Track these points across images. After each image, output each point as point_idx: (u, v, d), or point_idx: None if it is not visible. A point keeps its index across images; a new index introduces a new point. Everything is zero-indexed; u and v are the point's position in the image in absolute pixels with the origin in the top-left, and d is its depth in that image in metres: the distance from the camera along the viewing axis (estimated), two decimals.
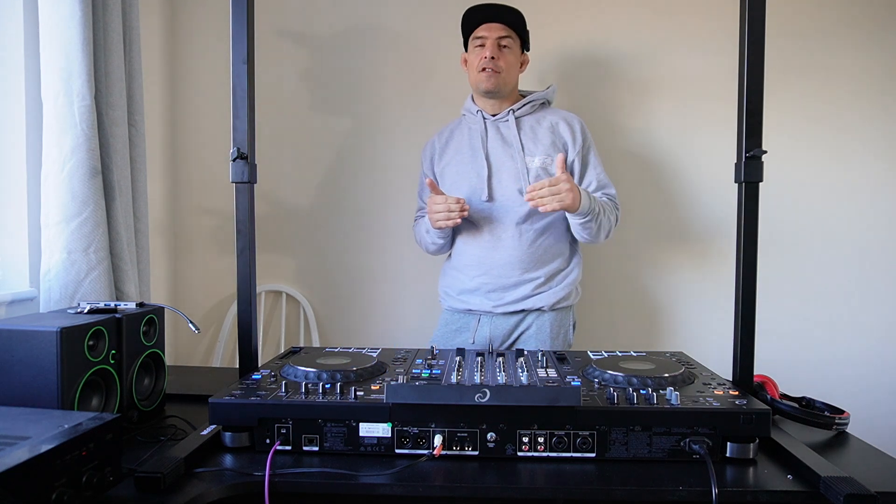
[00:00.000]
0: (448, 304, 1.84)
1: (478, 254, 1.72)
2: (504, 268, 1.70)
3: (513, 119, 1.74)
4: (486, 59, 1.69)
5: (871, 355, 2.17)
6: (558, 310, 1.75)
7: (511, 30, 1.73)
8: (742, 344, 1.13)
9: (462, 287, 1.77)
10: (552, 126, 1.74)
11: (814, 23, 2.14)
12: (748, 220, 1.12)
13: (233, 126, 1.21)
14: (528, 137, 1.73)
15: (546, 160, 1.70)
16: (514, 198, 1.69)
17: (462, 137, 1.80)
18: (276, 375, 1.13)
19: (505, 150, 1.73)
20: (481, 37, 1.72)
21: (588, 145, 1.76)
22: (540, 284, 1.71)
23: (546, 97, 1.80)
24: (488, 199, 1.70)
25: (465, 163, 1.75)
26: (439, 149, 1.83)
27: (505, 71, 1.71)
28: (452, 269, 1.81)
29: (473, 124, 1.79)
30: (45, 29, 1.45)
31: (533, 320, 1.73)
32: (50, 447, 0.73)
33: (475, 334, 1.76)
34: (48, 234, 1.46)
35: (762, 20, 1.10)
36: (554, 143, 1.72)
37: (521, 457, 0.97)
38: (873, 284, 2.17)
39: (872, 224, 2.16)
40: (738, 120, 1.13)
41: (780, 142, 2.13)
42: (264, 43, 2.20)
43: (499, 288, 1.71)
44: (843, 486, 0.82)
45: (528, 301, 1.71)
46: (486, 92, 1.72)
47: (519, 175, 1.69)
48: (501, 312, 1.73)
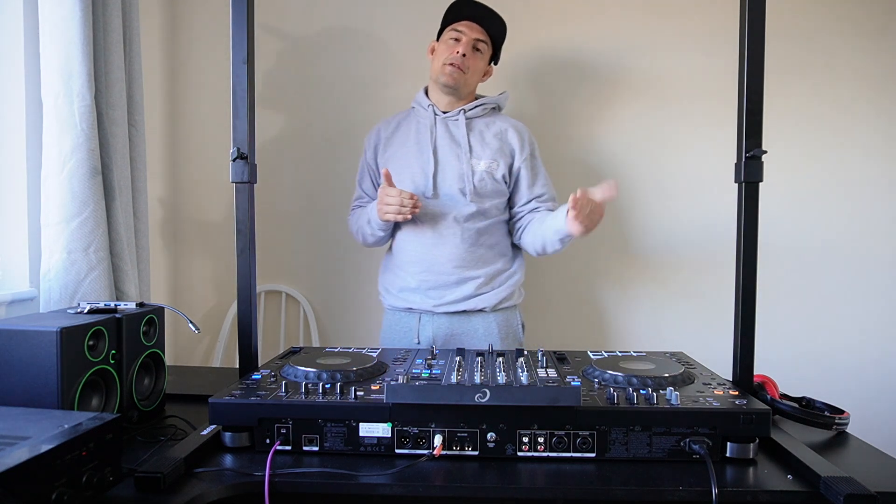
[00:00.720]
0: (388, 302, 1.81)
1: (419, 250, 1.69)
2: (445, 265, 1.68)
3: (463, 119, 1.73)
4: (458, 54, 1.68)
5: (871, 355, 2.17)
6: (501, 310, 1.74)
7: (489, 36, 1.73)
8: (742, 344, 1.13)
9: (403, 284, 1.74)
10: (501, 132, 1.75)
11: (813, 23, 2.14)
12: (748, 220, 1.12)
13: (233, 126, 1.21)
14: (476, 140, 1.73)
15: (492, 164, 1.70)
16: (456, 197, 1.68)
17: (409, 130, 1.77)
18: (276, 375, 1.13)
19: (452, 148, 1.71)
20: (460, 31, 1.70)
21: (535, 154, 1.79)
22: (481, 285, 1.70)
23: (498, 102, 1.80)
24: (433, 196, 1.68)
25: (411, 156, 1.72)
26: (385, 138, 1.79)
27: (470, 73, 1.71)
28: (393, 266, 1.78)
29: (423, 118, 1.77)
30: (45, 29, 1.45)
31: (479, 322, 1.72)
32: (50, 447, 0.73)
33: (419, 335, 1.74)
34: (48, 234, 1.46)
35: (762, 20, 1.10)
36: (501, 148, 1.73)
37: (521, 457, 0.97)
38: (873, 284, 2.17)
39: (872, 224, 2.16)
40: (738, 120, 1.13)
41: (780, 142, 2.13)
42: (265, 43, 2.20)
43: (439, 286, 1.69)
44: (843, 486, 0.82)
45: (469, 302, 1.70)
46: (445, 86, 1.71)
47: (464, 176, 1.69)
48: (443, 312, 1.71)
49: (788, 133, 2.15)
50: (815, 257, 2.18)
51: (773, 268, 2.15)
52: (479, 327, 1.72)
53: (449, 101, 1.75)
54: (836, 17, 2.13)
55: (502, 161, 1.72)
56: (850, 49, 2.13)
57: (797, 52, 2.14)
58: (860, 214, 2.16)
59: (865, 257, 2.16)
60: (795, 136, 2.16)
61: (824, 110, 2.15)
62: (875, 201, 2.15)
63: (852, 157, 2.15)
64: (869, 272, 2.17)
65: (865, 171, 2.15)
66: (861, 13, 2.12)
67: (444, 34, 1.76)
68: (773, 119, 2.06)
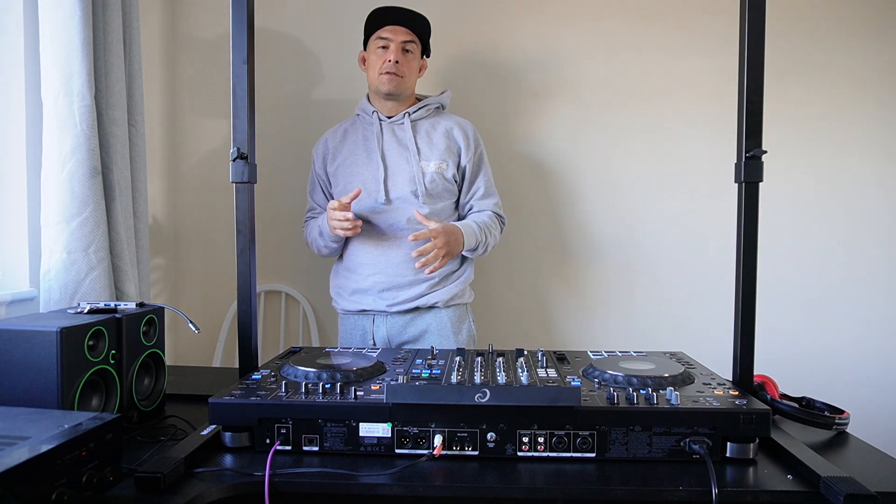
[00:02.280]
0: (341, 305, 1.83)
1: (373, 252, 1.72)
2: (399, 266, 1.70)
3: (408, 122, 1.76)
4: (390, 62, 1.70)
5: (871, 355, 2.17)
6: (453, 307, 1.78)
7: (414, 35, 1.75)
8: (742, 344, 1.13)
9: (355, 287, 1.76)
10: (447, 131, 1.77)
11: (813, 23, 2.14)
12: (748, 220, 1.12)
13: (233, 126, 1.21)
14: (423, 141, 1.75)
15: (441, 165, 1.73)
16: (409, 199, 1.71)
17: (356, 138, 1.79)
18: (276, 375, 1.13)
19: (400, 152, 1.74)
20: (385, 38, 1.72)
21: (480, 151, 1.82)
22: (433, 284, 1.73)
23: (441, 102, 1.83)
24: (385, 202, 1.70)
25: (360, 164, 1.75)
26: (332, 148, 1.81)
27: (406, 76, 1.73)
28: (344, 270, 1.80)
29: (368, 125, 1.79)
30: (45, 29, 1.45)
31: (431, 319, 1.75)
32: (50, 447, 0.73)
33: (373, 336, 1.76)
34: (48, 234, 1.46)
35: (762, 20, 1.10)
36: (449, 147, 1.75)
37: (521, 457, 0.97)
38: (873, 284, 2.17)
39: (872, 224, 2.16)
40: (738, 120, 1.12)
41: (780, 142, 2.13)
42: (265, 42, 2.20)
43: (393, 287, 1.72)
44: (843, 486, 0.82)
45: (422, 299, 1.72)
46: (387, 94, 1.73)
47: (414, 178, 1.70)
48: (396, 311, 1.73)
49: (788, 133, 2.15)
50: (815, 257, 2.18)
51: (773, 268, 2.15)
52: (432, 323, 1.75)
53: (392, 106, 1.78)
54: (835, 17, 2.13)
55: (450, 160, 1.75)
56: (849, 49, 2.13)
57: (797, 52, 2.14)
58: (860, 214, 2.16)
59: (865, 257, 2.16)
60: (795, 136, 2.15)
61: (824, 110, 2.15)
62: (875, 201, 2.15)
63: (852, 156, 2.15)
64: (869, 272, 2.17)
65: (865, 170, 2.15)
66: (861, 14, 2.12)
67: (370, 43, 1.77)
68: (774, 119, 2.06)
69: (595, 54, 2.19)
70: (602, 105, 2.20)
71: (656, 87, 2.18)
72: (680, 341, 2.20)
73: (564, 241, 2.24)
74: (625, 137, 2.20)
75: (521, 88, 2.22)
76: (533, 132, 2.22)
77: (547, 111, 2.22)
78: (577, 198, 2.23)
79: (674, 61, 2.17)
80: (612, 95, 2.20)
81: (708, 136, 2.17)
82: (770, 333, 2.14)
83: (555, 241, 2.24)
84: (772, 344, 2.15)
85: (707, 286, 2.20)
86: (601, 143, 2.21)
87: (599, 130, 2.21)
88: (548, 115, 2.22)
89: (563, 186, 2.22)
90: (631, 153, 2.20)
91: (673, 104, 2.18)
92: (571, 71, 2.20)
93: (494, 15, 2.20)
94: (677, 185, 2.20)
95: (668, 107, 2.18)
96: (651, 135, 2.19)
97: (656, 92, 2.18)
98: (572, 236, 2.24)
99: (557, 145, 2.22)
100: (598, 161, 2.22)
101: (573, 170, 2.22)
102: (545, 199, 2.23)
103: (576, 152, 2.22)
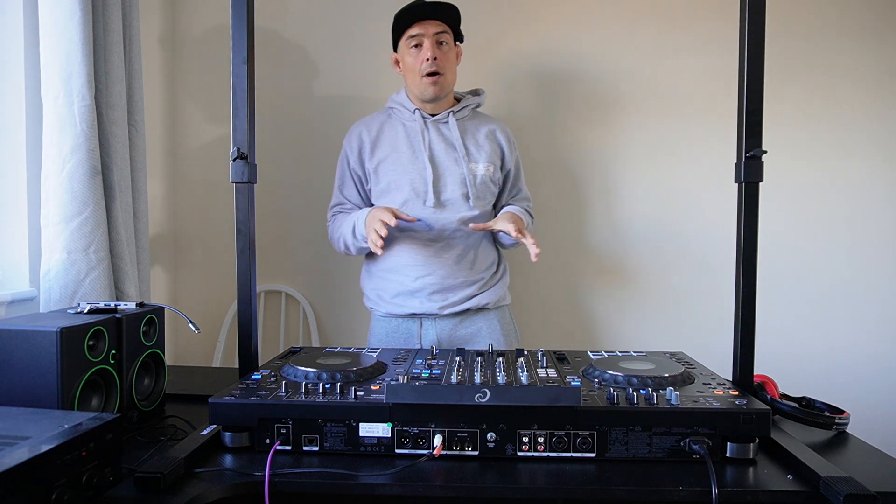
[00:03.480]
0: (383, 309, 1.74)
1: (423, 254, 1.66)
2: (451, 268, 1.66)
3: (454, 121, 1.71)
4: (429, 61, 1.63)
5: (871, 355, 2.17)
6: (500, 308, 1.76)
7: (445, 24, 1.67)
8: (742, 344, 1.13)
9: (400, 289, 1.69)
10: (490, 133, 1.74)
11: (813, 23, 2.14)
12: (748, 220, 1.12)
13: (233, 126, 1.21)
14: (470, 143, 1.71)
15: (489, 168, 1.70)
16: (459, 202, 1.66)
17: (396, 134, 1.72)
18: (276, 375, 1.13)
19: (448, 153, 1.68)
20: (417, 35, 1.65)
21: (518, 155, 1.81)
22: (482, 285, 1.71)
23: (479, 102, 1.79)
24: (435, 205, 1.65)
25: (405, 162, 1.68)
26: (369, 142, 1.72)
27: (446, 70, 1.67)
28: (383, 272, 1.72)
29: (409, 122, 1.72)
30: (45, 29, 1.45)
31: (481, 321, 1.72)
32: (50, 447, 0.73)
33: (421, 339, 1.70)
34: (48, 234, 1.46)
35: (762, 20, 1.10)
36: (494, 150, 1.73)
37: (521, 457, 0.97)
38: (873, 284, 2.17)
39: (872, 224, 2.16)
40: (738, 120, 1.12)
41: (780, 142, 2.13)
42: (265, 42, 2.20)
43: (444, 289, 1.67)
44: (843, 486, 0.82)
45: (473, 300, 1.69)
46: (433, 97, 1.67)
47: (465, 180, 1.66)
48: (447, 314, 1.69)
49: (789, 133, 2.15)
50: (815, 257, 2.18)
51: (773, 268, 2.15)
52: (483, 326, 1.72)
53: (435, 105, 1.72)
54: (835, 17, 2.13)
55: (496, 163, 1.73)
56: (849, 50, 2.13)
57: (797, 52, 2.13)
58: (860, 214, 2.16)
59: (865, 257, 2.16)
60: (796, 137, 2.15)
61: (824, 110, 2.15)
62: (875, 201, 2.15)
63: (852, 157, 2.15)
64: (869, 272, 2.17)
65: (865, 170, 2.15)
66: (861, 14, 2.12)
67: (401, 44, 1.70)
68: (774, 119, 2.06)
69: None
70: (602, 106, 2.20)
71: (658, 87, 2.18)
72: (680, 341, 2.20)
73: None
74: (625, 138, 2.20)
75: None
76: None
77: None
78: (580, 199, 2.23)
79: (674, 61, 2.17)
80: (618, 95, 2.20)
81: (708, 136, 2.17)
82: (770, 333, 2.14)
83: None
84: (772, 344, 2.15)
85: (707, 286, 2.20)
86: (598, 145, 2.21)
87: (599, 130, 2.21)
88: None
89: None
90: (630, 153, 2.20)
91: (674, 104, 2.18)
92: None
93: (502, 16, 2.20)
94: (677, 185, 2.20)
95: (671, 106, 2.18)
96: (652, 134, 2.19)
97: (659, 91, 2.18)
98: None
99: (558, 145, 2.22)
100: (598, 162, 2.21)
101: (575, 171, 2.22)
102: (548, 201, 2.23)
103: (572, 154, 2.22)
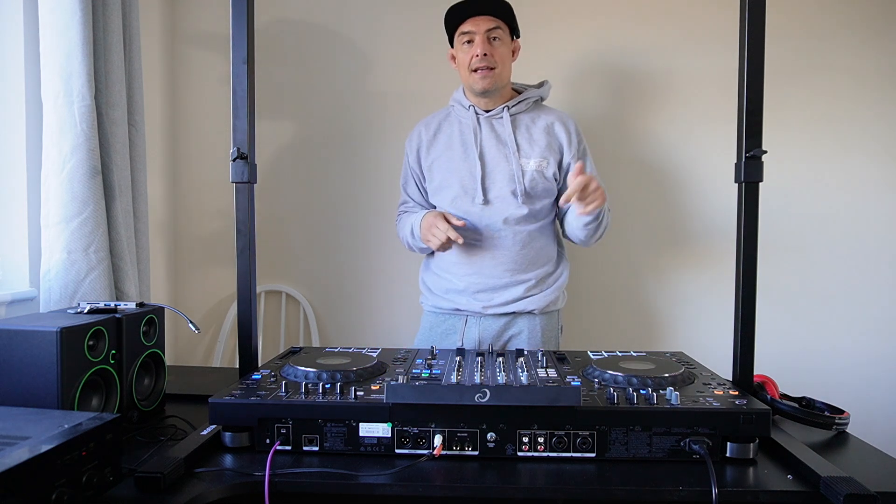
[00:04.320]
0: (432, 302, 1.76)
1: (469, 253, 1.66)
2: (496, 268, 1.65)
3: (507, 117, 1.66)
4: (479, 57, 1.60)
5: (871, 355, 2.17)
6: (548, 313, 1.72)
7: (499, 20, 1.64)
8: (742, 344, 1.13)
9: (448, 286, 1.70)
10: (548, 126, 1.68)
11: (813, 23, 2.14)
12: (748, 220, 1.12)
13: (233, 126, 1.21)
14: (523, 138, 1.67)
15: (542, 163, 1.64)
16: (507, 199, 1.64)
17: (452, 131, 1.71)
18: (276, 375, 1.13)
19: (499, 149, 1.66)
20: (468, 31, 1.63)
21: (583, 148, 1.73)
22: (531, 287, 1.67)
23: (541, 94, 1.73)
24: (483, 202, 1.64)
25: (457, 160, 1.67)
26: (426, 141, 1.73)
27: (499, 66, 1.63)
28: (437, 268, 1.74)
29: (464, 118, 1.71)
30: (45, 29, 1.45)
31: (524, 324, 1.69)
32: (50, 447, 0.73)
33: (463, 337, 1.69)
34: (48, 234, 1.46)
35: (762, 20, 1.10)
36: (550, 144, 1.67)
37: (521, 457, 0.97)
38: (873, 284, 2.17)
39: (872, 224, 2.16)
40: (738, 120, 1.13)
41: (780, 142, 2.13)
42: (266, 42, 2.20)
43: (488, 289, 1.66)
44: (843, 486, 0.82)
45: (519, 303, 1.67)
46: (483, 91, 1.64)
47: (514, 177, 1.63)
48: (491, 314, 1.68)
49: (789, 133, 2.15)
50: (815, 257, 2.18)
51: (773, 268, 2.15)
52: (525, 329, 1.69)
53: (489, 101, 1.69)
54: (835, 18, 2.13)
55: (552, 158, 1.66)
56: (850, 50, 2.13)
57: (797, 52, 2.13)
58: (860, 214, 2.16)
59: (865, 257, 2.16)
60: (796, 136, 2.15)
61: (824, 110, 2.15)
62: (875, 201, 2.15)
63: (852, 156, 2.15)
64: (869, 272, 2.17)
65: (865, 170, 2.15)
66: (861, 14, 2.12)
67: (455, 39, 1.68)
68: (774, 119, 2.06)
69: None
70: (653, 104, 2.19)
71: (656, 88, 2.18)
72: (680, 341, 2.20)
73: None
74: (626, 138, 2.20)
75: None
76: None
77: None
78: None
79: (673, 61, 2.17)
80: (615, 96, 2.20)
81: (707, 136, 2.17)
82: (770, 333, 2.14)
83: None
84: (772, 344, 2.15)
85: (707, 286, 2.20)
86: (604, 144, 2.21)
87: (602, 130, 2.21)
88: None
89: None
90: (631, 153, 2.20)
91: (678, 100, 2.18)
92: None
93: None
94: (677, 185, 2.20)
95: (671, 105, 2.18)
96: (651, 134, 2.19)
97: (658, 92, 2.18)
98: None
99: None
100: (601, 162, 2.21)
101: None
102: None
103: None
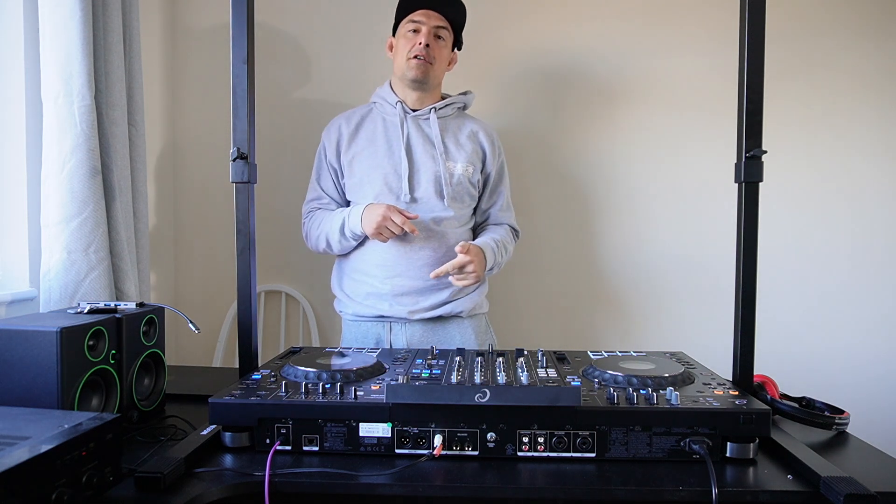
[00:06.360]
0: (352, 310, 1.69)
1: (393, 253, 1.60)
2: (422, 269, 1.60)
3: (434, 118, 1.65)
4: (420, 45, 1.59)
5: (871, 355, 2.17)
6: (475, 316, 1.70)
7: (449, 23, 1.64)
8: (742, 344, 1.13)
9: (369, 290, 1.64)
10: (473, 134, 1.70)
11: (813, 23, 2.14)
12: (748, 220, 1.12)
13: (233, 126, 1.21)
14: (450, 141, 1.66)
15: (468, 168, 1.65)
16: (433, 200, 1.62)
17: (375, 127, 1.68)
18: (276, 375, 1.13)
19: (426, 149, 1.63)
20: (417, 21, 1.61)
21: (503, 160, 1.75)
22: (458, 290, 1.64)
23: (465, 102, 1.74)
24: (410, 201, 1.60)
25: (380, 155, 1.63)
26: (347, 135, 1.68)
27: (436, 63, 1.62)
28: (355, 272, 1.67)
29: (389, 115, 1.68)
30: (45, 29, 1.45)
31: (455, 329, 1.66)
32: (50, 447, 0.73)
33: (390, 345, 1.64)
34: (48, 234, 1.46)
35: (762, 20, 1.10)
36: (475, 151, 1.68)
37: (521, 457, 0.97)
38: (873, 284, 2.17)
39: (872, 224, 2.16)
40: (738, 120, 1.12)
41: (780, 142, 2.13)
42: (265, 42, 2.20)
43: (413, 291, 1.61)
44: (843, 486, 0.82)
45: (446, 307, 1.63)
46: (414, 80, 1.62)
47: (441, 178, 1.61)
48: (418, 319, 1.63)
49: (788, 133, 2.15)
50: (816, 257, 2.18)
51: (773, 268, 2.15)
52: (456, 334, 1.66)
53: (417, 98, 1.67)
54: (835, 18, 2.13)
55: (476, 164, 1.68)
56: (849, 50, 2.13)
57: (797, 52, 2.14)
58: (860, 214, 2.16)
59: (865, 257, 2.16)
60: (795, 137, 2.15)
61: (824, 110, 2.15)
62: (875, 201, 2.15)
63: (852, 157, 2.15)
64: (869, 272, 2.17)
65: (865, 170, 2.15)
66: (860, 14, 2.12)
67: (400, 27, 1.66)
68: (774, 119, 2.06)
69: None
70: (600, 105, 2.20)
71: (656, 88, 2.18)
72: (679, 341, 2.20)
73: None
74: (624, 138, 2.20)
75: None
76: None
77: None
78: (582, 199, 2.23)
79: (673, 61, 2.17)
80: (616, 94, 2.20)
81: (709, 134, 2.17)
82: (770, 333, 2.14)
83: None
84: (772, 344, 2.15)
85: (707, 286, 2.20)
86: (603, 144, 2.21)
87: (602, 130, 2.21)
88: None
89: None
90: (631, 153, 2.20)
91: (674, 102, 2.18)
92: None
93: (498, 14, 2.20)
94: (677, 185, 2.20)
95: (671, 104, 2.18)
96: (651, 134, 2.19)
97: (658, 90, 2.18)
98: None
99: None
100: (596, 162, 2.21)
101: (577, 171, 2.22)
102: (549, 201, 2.23)
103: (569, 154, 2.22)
